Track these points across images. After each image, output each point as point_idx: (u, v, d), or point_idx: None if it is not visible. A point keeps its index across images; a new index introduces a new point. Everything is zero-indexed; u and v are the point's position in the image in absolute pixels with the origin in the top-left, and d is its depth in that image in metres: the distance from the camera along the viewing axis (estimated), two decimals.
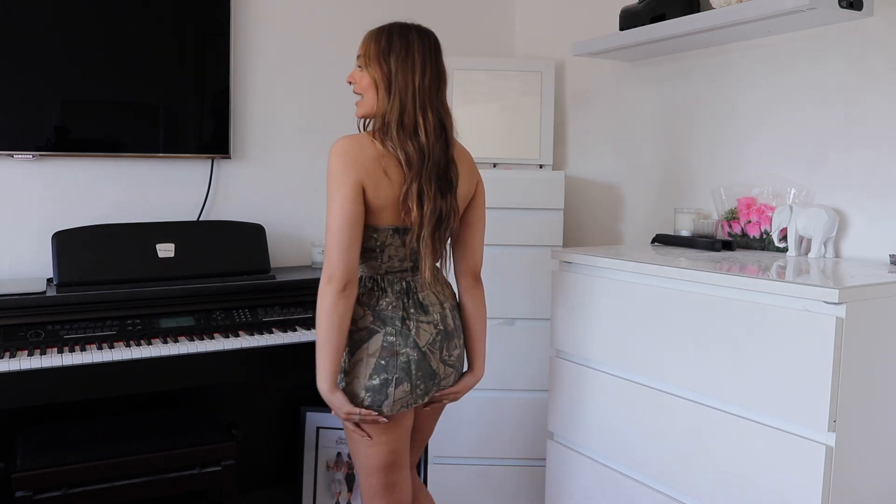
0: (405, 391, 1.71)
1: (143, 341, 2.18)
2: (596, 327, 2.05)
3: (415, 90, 1.68)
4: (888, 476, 1.66)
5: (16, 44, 2.31)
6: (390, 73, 1.69)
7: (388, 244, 1.71)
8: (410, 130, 1.68)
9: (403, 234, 1.71)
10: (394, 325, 1.71)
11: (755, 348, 1.65)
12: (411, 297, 1.75)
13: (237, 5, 2.65)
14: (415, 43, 1.70)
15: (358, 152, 1.66)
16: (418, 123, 1.68)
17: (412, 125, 1.68)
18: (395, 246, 1.72)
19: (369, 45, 1.73)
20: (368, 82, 1.72)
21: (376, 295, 1.74)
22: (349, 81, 1.78)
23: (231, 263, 2.45)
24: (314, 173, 2.82)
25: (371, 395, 1.69)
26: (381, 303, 1.73)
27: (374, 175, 1.66)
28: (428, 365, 1.74)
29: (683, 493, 1.83)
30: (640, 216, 2.67)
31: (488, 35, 3.14)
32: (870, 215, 1.97)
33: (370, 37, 1.75)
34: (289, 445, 2.77)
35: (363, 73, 1.74)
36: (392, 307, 1.72)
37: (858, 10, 1.91)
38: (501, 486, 2.63)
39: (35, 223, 2.42)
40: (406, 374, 1.70)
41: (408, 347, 1.71)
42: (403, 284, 1.75)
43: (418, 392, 1.73)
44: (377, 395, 1.69)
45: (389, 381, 1.69)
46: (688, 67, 2.47)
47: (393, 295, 1.73)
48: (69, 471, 2.06)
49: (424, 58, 1.70)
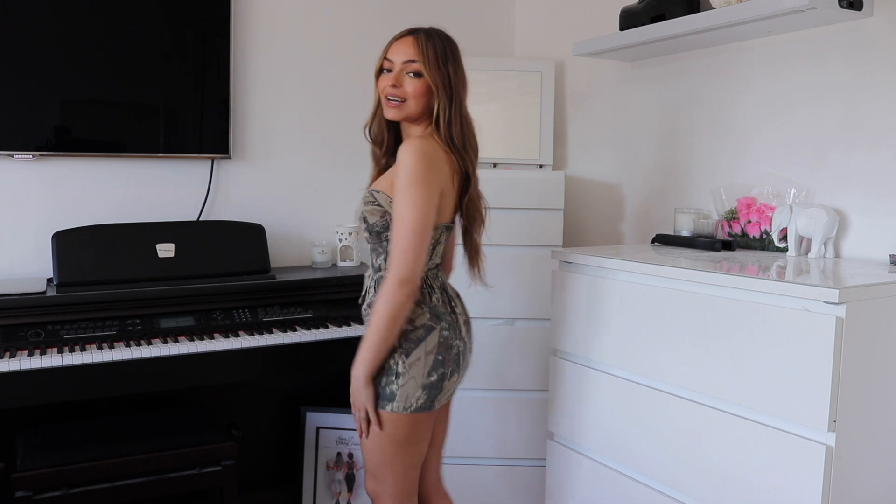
0: (455, 382, 1.77)
1: (143, 341, 2.18)
2: (596, 327, 2.05)
3: (464, 97, 1.78)
4: (888, 476, 1.66)
5: (16, 44, 2.31)
6: (449, 79, 1.74)
7: (440, 241, 1.78)
8: (464, 135, 1.77)
9: (448, 231, 1.80)
10: (446, 319, 1.75)
11: (755, 348, 1.65)
12: (447, 290, 1.82)
13: (237, 5, 2.65)
14: (457, 49, 1.79)
15: (436, 156, 1.71)
16: (465, 128, 1.78)
17: (463, 130, 1.77)
18: (442, 243, 1.79)
19: (426, 52, 1.73)
20: (425, 88, 1.74)
21: (427, 292, 1.76)
22: (393, 85, 1.73)
23: (231, 263, 2.45)
24: (314, 173, 2.82)
25: (426, 392, 1.71)
26: (433, 299, 1.76)
27: (447, 178, 1.73)
28: (469, 354, 1.82)
29: (683, 493, 1.83)
30: (640, 216, 2.67)
31: (488, 35, 3.14)
32: (870, 215, 1.97)
33: (423, 43, 1.74)
34: (289, 445, 2.77)
35: (417, 80, 1.73)
36: (441, 302, 1.77)
37: (858, 10, 1.91)
38: (501, 486, 2.63)
39: (35, 223, 2.42)
40: (457, 366, 1.76)
41: (458, 339, 1.76)
42: (440, 280, 1.81)
43: (460, 383, 1.81)
44: (432, 392, 1.72)
45: (446, 374, 1.73)
46: (688, 67, 2.47)
47: (438, 290, 1.78)
48: (69, 471, 2.06)
49: (462, 64, 1.80)
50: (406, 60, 1.74)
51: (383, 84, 1.77)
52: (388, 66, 1.76)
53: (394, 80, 1.74)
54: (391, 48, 1.77)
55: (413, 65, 1.73)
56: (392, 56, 1.76)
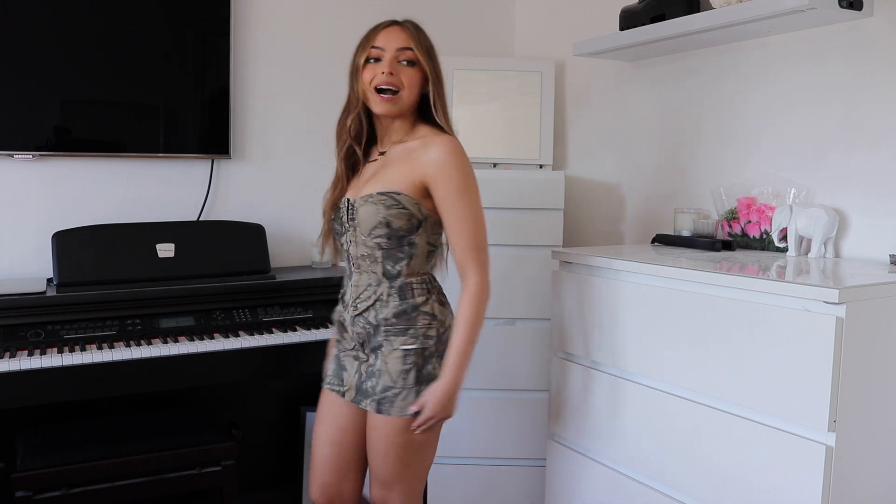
0: None
1: (143, 341, 2.18)
2: (596, 327, 2.05)
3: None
4: (888, 476, 1.66)
5: (16, 44, 2.31)
6: (438, 69, 1.71)
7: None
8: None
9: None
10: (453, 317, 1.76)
11: (755, 348, 1.65)
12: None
13: (237, 5, 2.65)
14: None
15: None
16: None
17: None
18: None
19: (419, 41, 1.68)
20: (420, 78, 1.69)
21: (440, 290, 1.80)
22: (389, 72, 1.66)
23: (231, 263, 2.45)
24: (314, 173, 2.81)
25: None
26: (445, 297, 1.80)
27: None
28: None
29: (683, 493, 1.83)
30: (640, 216, 2.67)
31: (488, 35, 3.14)
32: (870, 215, 1.97)
33: (414, 31, 1.69)
34: (289, 445, 2.77)
35: (412, 69, 1.68)
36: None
37: (858, 10, 1.91)
38: (502, 486, 2.63)
39: (35, 223, 2.42)
40: None
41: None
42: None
43: None
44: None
45: None
46: (688, 67, 2.47)
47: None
48: (69, 471, 2.06)
49: None
50: (400, 48, 1.67)
51: (372, 74, 1.67)
52: (376, 55, 1.68)
53: (389, 66, 1.66)
54: (379, 36, 1.68)
55: (408, 52, 1.66)
56: (381, 43, 1.67)
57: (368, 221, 1.69)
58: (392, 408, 1.69)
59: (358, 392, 1.76)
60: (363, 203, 1.71)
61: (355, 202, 1.73)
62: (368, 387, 1.73)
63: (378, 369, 1.72)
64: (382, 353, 1.71)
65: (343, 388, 1.80)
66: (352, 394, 1.78)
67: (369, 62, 1.69)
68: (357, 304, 1.75)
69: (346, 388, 1.79)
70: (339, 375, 1.82)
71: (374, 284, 1.73)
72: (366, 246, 1.72)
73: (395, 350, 1.70)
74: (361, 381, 1.76)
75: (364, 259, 1.73)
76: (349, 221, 1.74)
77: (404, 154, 1.72)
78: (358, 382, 1.76)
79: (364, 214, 1.70)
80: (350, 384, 1.78)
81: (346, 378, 1.80)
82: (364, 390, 1.74)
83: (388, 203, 1.67)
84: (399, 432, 1.69)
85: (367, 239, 1.71)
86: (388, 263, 1.71)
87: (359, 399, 1.76)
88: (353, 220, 1.73)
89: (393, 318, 1.71)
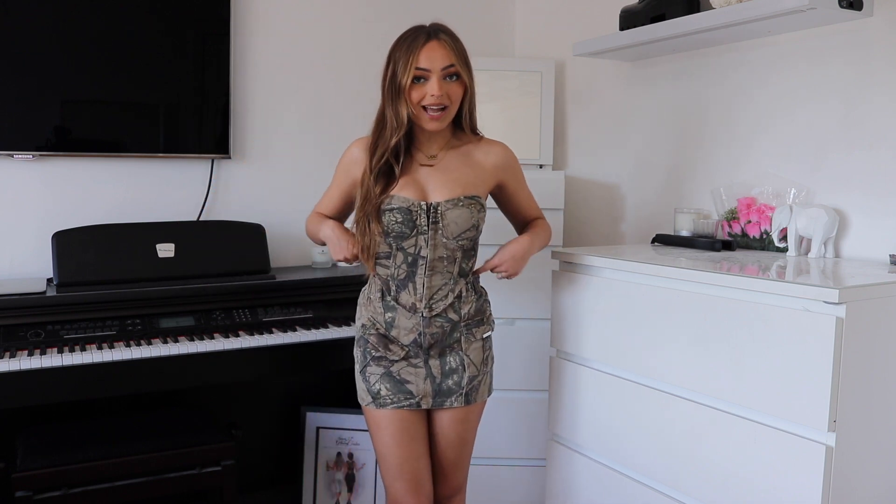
0: None
1: (143, 341, 2.17)
2: (596, 327, 2.05)
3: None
4: (888, 476, 1.66)
5: (16, 44, 2.31)
6: (472, 77, 1.77)
7: None
8: None
9: None
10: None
11: (755, 348, 1.65)
12: None
13: (237, 5, 2.65)
14: None
15: None
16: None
17: None
18: None
19: (458, 54, 1.70)
20: (462, 90, 1.74)
21: None
22: (439, 94, 1.67)
23: (231, 263, 2.45)
24: (315, 173, 2.81)
25: None
26: None
27: None
28: None
29: (683, 493, 1.83)
30: (640, 216, 2.67)
31: (488, 35, 3.14)
32: (870, 215, 1.97)
33: (452, 44, 1.70)
34: (289, 445, 2.77)
35: (455, 83, 1.71)
36: None
37: (858, 10, 1.91)
38: (502, 486, 2.63)
39: (35, 223, 2.42)
40: None
41: None
42: None
43: None
44: None
45: None
46: (688, 67, 2.47)
47: None
48: (69, 471, 2.06)
49: None
50: (446, 66, 1.68)
51: (420, 94, 1.68)
52: (422, 76, 1.67)
53: (439, 88, 1.67)
54: (422, 55, 1.66)
55: (453, 69, 1.69)
56: (426, 64, 1.66)
57: (461, 224, 1.75)
58: (478, 395, 1.86)
59: (437, 395, 1.81)
60: (452, 207, 1.74)
61: (439, 206, 1.74)
62: (451, 384, 1.81)
63: (459, 364, 1.82)
64: (462, 347, 1.81)
65: (415, 400, 1.79)
66: (428, 400, 1.80)
67: (416, 82, 1.69)
68: (432, 304, 1.77)
69: (419, 398, 1.80)
70: (402, 390, 1.79)
71: (451, 283, 1.79)
72: (447, 248, 1.76)
73: (476, 341, 1.84)
74: (439, 384, 1.80)
75: (441, 260, 1.77)
76: (431, 224, 1.74)
77: (462, 158, 1.82)
78: (434, 387, 1.80)
79: (455, 217, 1.74)
80: (423, 392, 1.80)
81: (414, 389, 1.79)
82: (445, 390, 1.81)
83: (476, 207, 1.78)
84: (480, 415, 1.91)
85: (452, 241, 1.76)
86: (464, 262, 1.81)
87: (440, 401, 1.81)
88: (435, 224, 1.74)
89: (473, 313, 1.83)
